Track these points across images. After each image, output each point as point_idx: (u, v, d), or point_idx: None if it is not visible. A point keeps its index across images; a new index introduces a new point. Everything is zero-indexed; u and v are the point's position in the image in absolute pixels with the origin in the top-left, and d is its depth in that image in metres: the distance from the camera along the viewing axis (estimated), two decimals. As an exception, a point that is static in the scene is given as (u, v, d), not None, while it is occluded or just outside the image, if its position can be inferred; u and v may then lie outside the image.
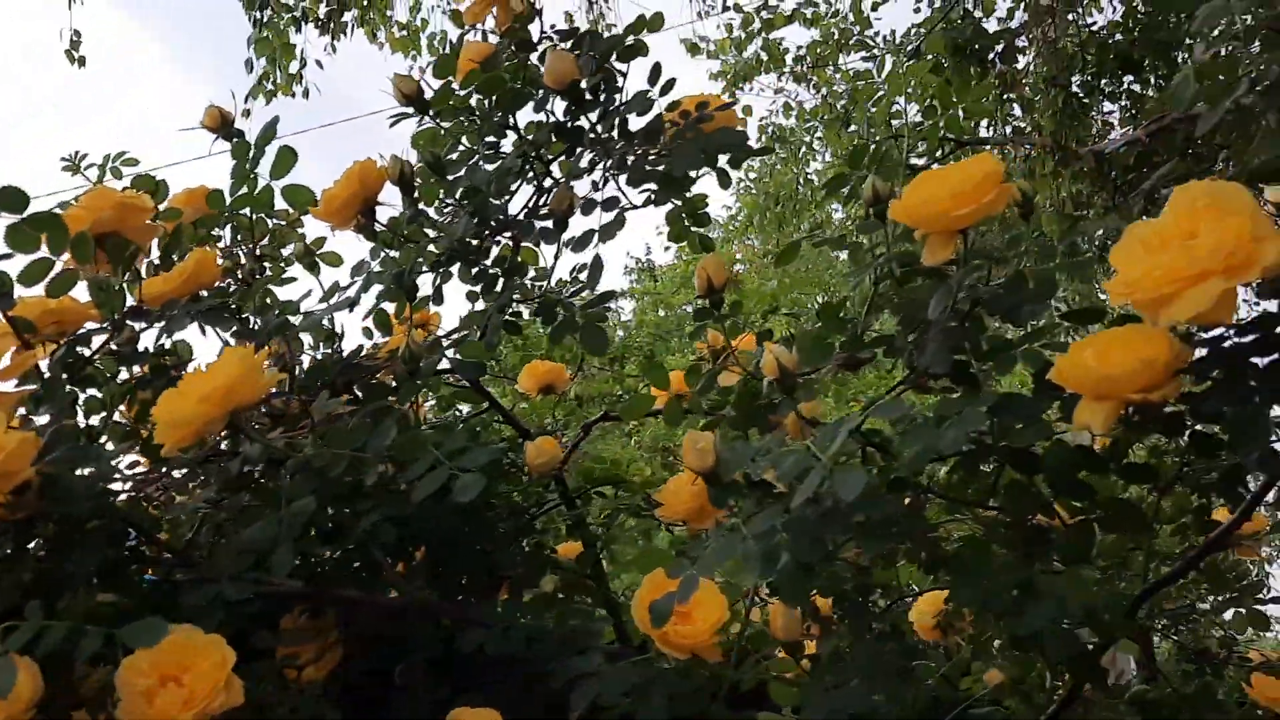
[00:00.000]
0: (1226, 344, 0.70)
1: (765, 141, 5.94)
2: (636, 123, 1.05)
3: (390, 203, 1.04)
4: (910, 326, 0.93)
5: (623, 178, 0.92)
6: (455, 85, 1.00)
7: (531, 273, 1.17)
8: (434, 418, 1.41)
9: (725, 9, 4.75)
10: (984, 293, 0.88)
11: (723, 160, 1.04)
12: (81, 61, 5.66)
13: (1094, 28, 4.16)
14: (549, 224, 0.96)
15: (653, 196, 0.99)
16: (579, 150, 0.93)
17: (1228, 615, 1.56)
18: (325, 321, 1.12)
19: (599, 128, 0.93)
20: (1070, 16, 4.09)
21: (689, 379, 1.10)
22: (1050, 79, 3.82)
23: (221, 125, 1.28)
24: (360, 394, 1.12)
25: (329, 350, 1.17)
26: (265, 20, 5.37)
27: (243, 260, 1.38)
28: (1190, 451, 0.78)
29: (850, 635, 0.95)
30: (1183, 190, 0.69)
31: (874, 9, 4.55)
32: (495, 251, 1.12)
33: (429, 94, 1.05)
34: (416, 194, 1.02)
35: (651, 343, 9.55)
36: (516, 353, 3.94)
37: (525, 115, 1.10)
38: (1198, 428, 0.77)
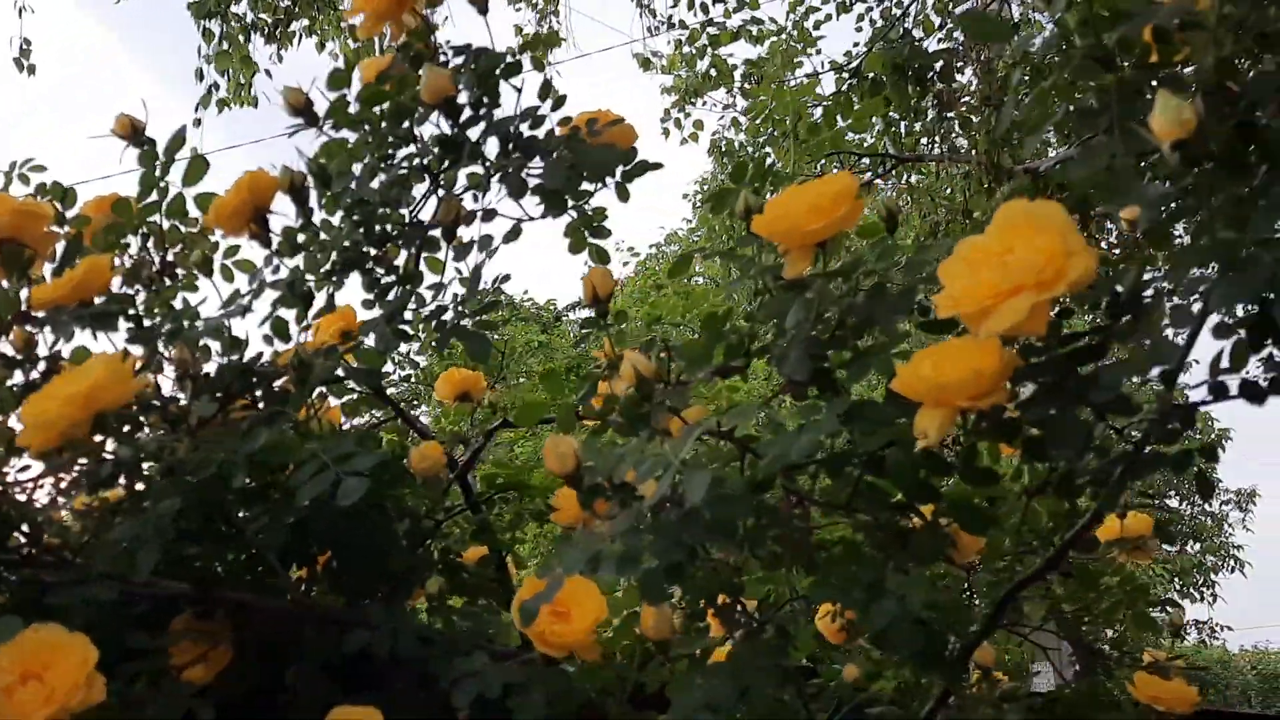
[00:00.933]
0: (1048, 355, 0.74)
1: (715, 156, 6.01)
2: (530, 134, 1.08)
3: (286, 211, 1.07)
4: (782, 336, 0.97)
5: (506, 186, 0.95)
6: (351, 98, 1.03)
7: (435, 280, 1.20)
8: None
9: (670, 26, 4.81)
10: (847, 303, 0.92)
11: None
12: (31, 69, 5.62)
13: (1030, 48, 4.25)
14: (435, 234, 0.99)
15: (542, 210, 1.02)
16: (458, 163, 0.96)
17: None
18: (228, 328, 1.14)
19: (480, 142, 0.96)
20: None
21: (581, 386, 1.14)
22: (986, 98, 3.91)
23: (132, 134, 1.30)
24: (262, 400, 1.15)
25: (235, 357, 1.19)
26: (223, 33, 5.37)
27: (156, 266, 1.40)
28: (1024, 456, 0.82)
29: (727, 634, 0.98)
30: (1005, 209, 0.73)
31: (816, 27, 4.64)
32: (403, 259, 1.15)
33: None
34: (311, 203, 1.05)
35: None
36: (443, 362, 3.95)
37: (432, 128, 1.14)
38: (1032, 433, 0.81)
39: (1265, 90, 0.63)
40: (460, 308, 1.01)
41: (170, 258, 1.39)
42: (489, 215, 0.96)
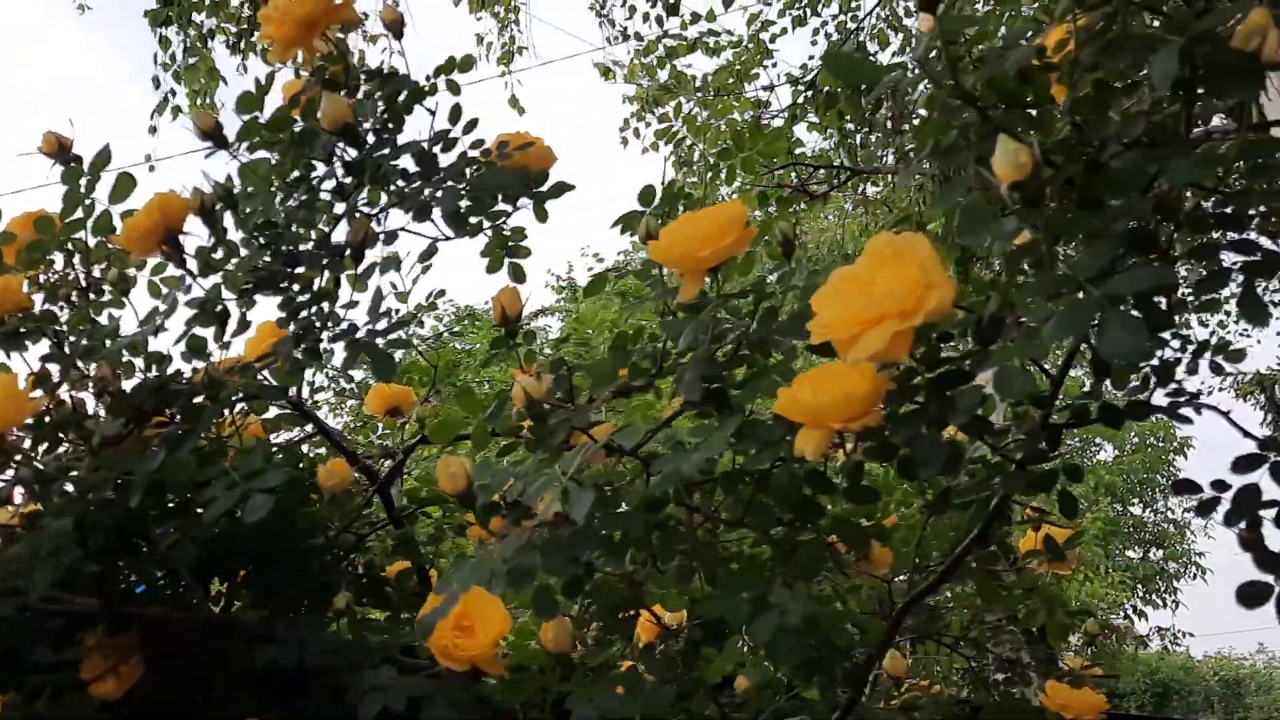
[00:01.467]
0: (918, 379, 0.77)
1: (674, 165, 6.04)
2: (446, 159, 1.11)
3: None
4: (682, 357, 0.99)
5: (410, 210, 0.97)
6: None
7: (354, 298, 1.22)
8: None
9: (626, 38, 4.85)
10: (741, 326, 0.95)
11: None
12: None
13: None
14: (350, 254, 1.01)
15: (454, 230, 1.04)
16: (361, 186, 0.98)
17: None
18: (145, 345, 1.15)
19: (385, 165, 0.98)
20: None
21: (494, 404, 1.16)
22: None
23: (59, 151, 1.31)
24: (180, 417, 1.16)
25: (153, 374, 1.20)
26: (186, 44, 5.35)
27: (81, 284, 1.40)
28: (901, 474, 0.85)
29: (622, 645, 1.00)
30: (873, 242, 0.76)
31: (773, 40, 4.69)
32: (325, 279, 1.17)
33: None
34: (227, 223, 1.06)
35: (575, 359, 9.58)
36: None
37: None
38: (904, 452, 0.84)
39: (1102, 133, 0.66)
40: (371, 326, 1.03)
41: (96, 274, 1.40)
42: (390, 237, 0.98)
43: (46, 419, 1.03)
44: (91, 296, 1.36)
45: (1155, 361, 0.83)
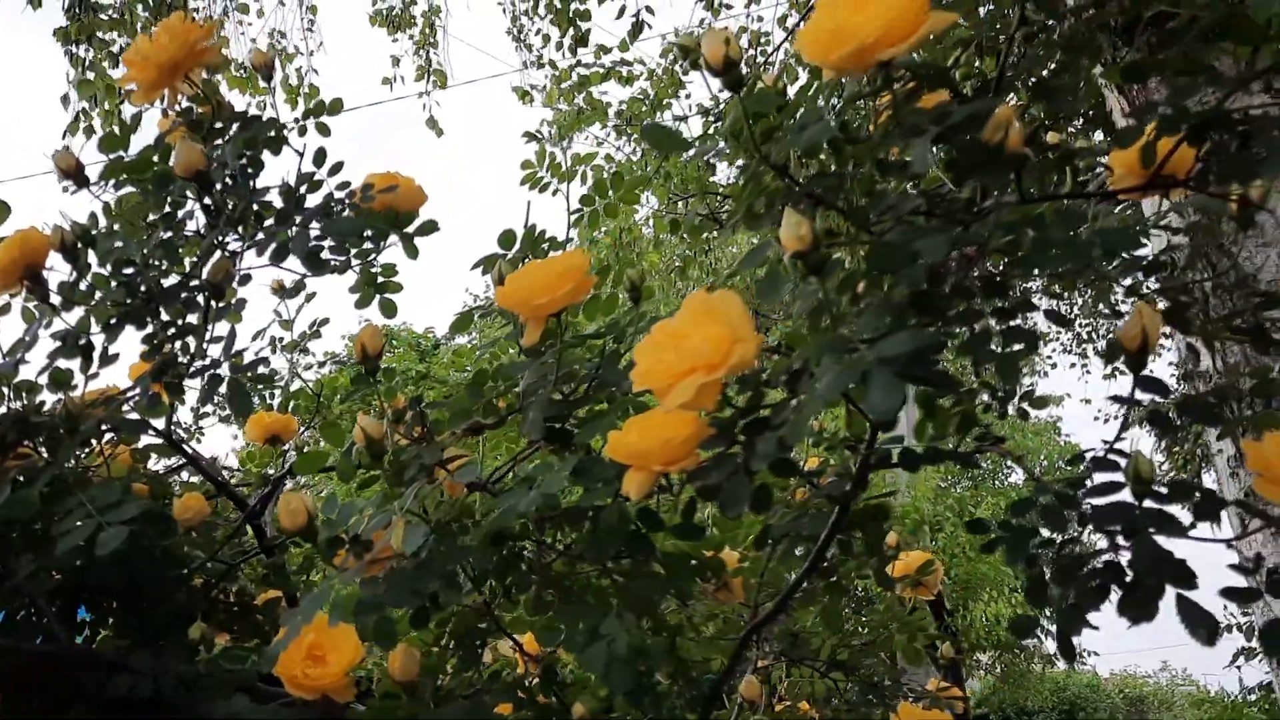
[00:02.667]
0: (720, 425, 0.83)
1: (590, 190, 6.11)
2: (313, 199, 1.14)
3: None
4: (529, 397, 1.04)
5: (269, 251, 1.01)
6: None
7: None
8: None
9: (540, 65, 4.91)
10: (584, 368, 1.00)
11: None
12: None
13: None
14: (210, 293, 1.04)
15: (312, 270, 1.07)
16: (216, 228, 1.01)
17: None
18: (8, 377, 1.16)
19: (241, 207, 1.01)
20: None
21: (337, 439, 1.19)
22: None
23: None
24: (46, 449, 1.17)
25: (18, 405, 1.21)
26: (89, 61, 5.27)
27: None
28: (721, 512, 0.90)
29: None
30: (690, 298, 0.82)
31: (685, 73, 4.78)
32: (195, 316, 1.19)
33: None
34: (87, 259, 1.08)
35: (449, 393, 9.54)
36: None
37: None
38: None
39: (881, 207, 0.73)
40: (231, 361, 1.06)
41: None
42: (244, 280, 1.01)
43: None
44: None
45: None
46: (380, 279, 1.23)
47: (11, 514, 0.93)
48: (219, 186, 0.98)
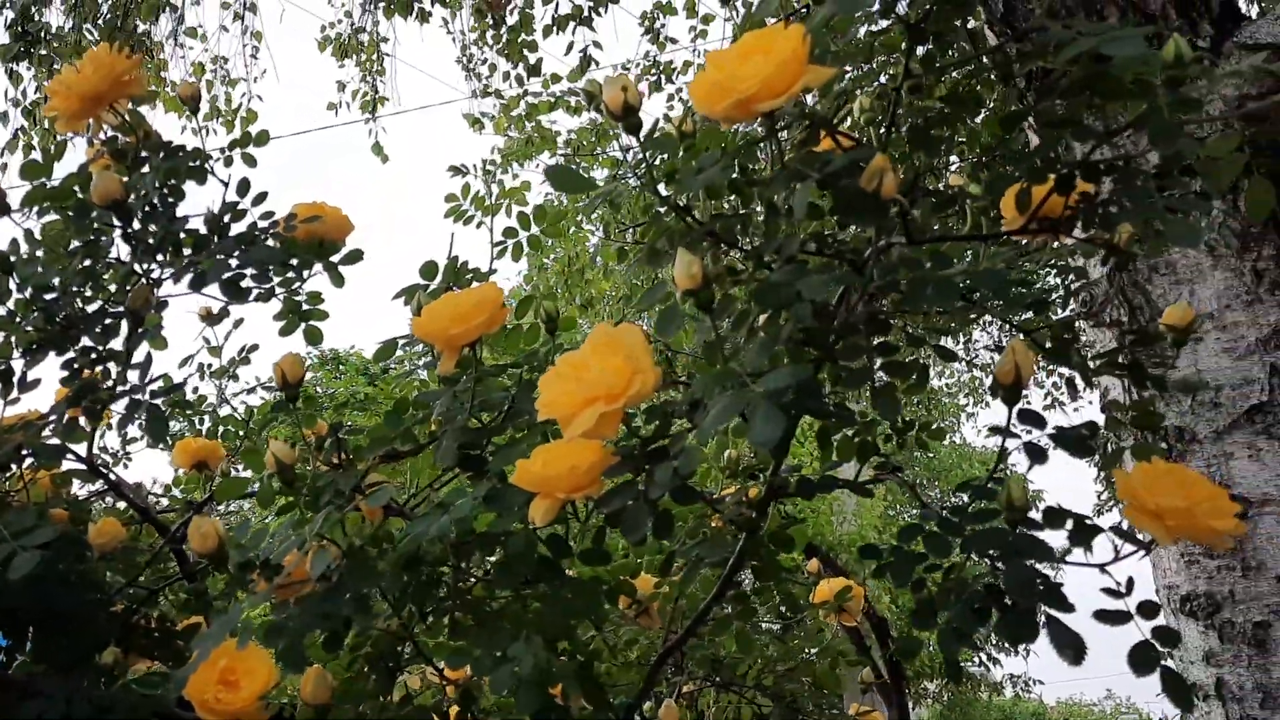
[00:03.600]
0: (624, 454, 0.86)
1: (539, 216, 6.14)
2: (238, 228, 1.16)
3: None
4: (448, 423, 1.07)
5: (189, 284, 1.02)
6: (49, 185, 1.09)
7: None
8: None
9: (488, 94, 4.94)
10: (497, 397, 1.03)
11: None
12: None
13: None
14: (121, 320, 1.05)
15: (231, 298, 1.09)
16: (136, 256, 1.03)
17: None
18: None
19: (160, 235, 1.03)
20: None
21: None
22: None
23: None
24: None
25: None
26: (40, 85, 5.23)
27: None
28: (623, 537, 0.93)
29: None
30: (595, 330, 0.85)
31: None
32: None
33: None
34: (7, 285, 1.09)
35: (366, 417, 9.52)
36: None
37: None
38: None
39: (769, 248, 0.76)
40: (150, 387, 1.07)
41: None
42: (161, 305, 1.03)
43: None
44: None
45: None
46: (305, 307, 1.25)
47: (-81, 538, 0.93)
48: (138, 215, 1.00)
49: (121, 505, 1.52)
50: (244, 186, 1.12)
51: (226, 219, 1.12)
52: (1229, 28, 1.98)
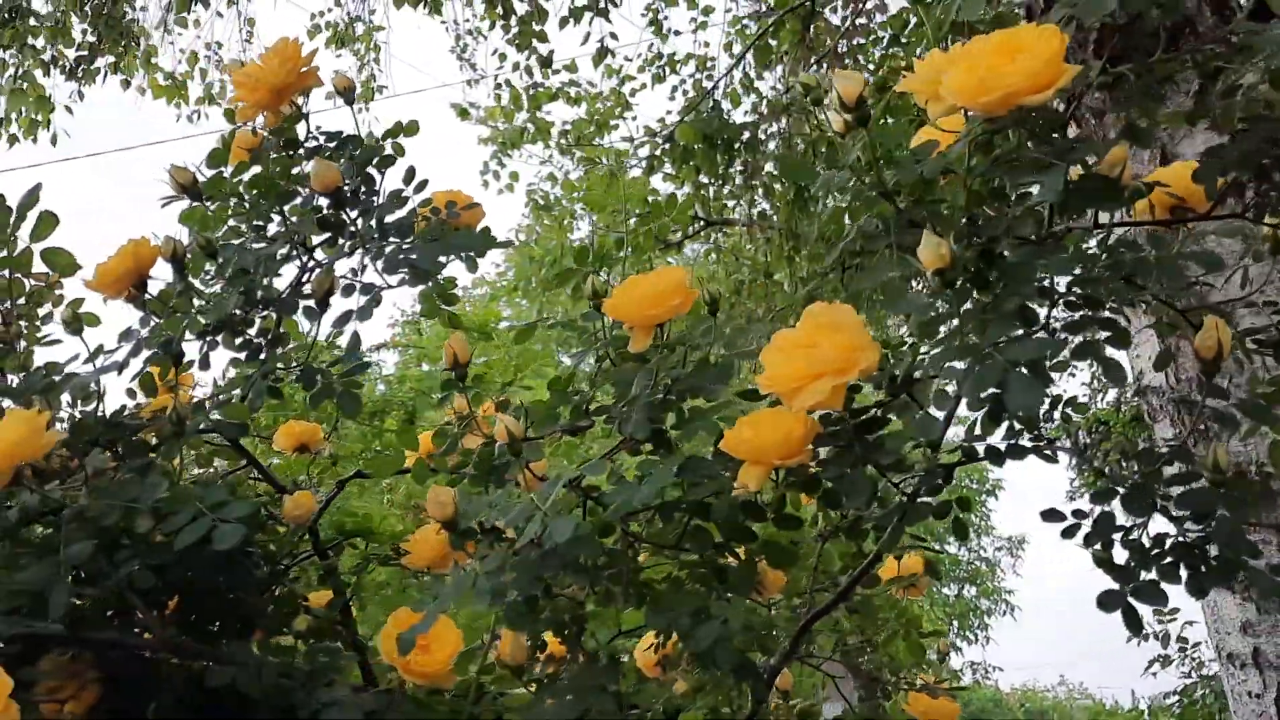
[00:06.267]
0: (842, 424, 0.92)
1: (531, 209, 6.18)
2: (395, 215, 1.20)
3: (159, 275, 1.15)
4: (622, 400, 1.12)
5: (380, 264, 1.07)
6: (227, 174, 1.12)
7: (293, 343, 1.29)
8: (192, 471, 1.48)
9: (498, 86, 4.97)
10: (679, 373, 1.08)
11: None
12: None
13: (824, 128, 4.65)
14: (311, 303, 1.09)
15: (406, 280, 1.14)
16: (339, 239, 1.07)
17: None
18: (99, 383, 1.19)
19: (359, 222, 1.07)
20: (804, 114, 4.54)
21: (436, 441, 1.25)
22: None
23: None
24: (122, 451, 1.20)
25: (90, 409, 1.24)
26: (19, 69, 5.16)
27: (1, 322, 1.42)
28: (821, 505, 1.00)
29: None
30: (809, 310, 0.91)
31: (633, 95, 4.91)
32: (259, 323, 1.24)
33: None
34: (186, 269, 1.13)
35: (414, 398, 9.51)
36: (269, 413, 3.95)
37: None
38: (829, 485, 0.99)
39: (994, 230, 0.83)
40: (330, 368, 1.11)
41: (16, 312, 1.42)
42: (367, 289, 1.07)
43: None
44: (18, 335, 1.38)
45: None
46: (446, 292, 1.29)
47: (170, 507, 0.97)
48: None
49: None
50: (410, 175, 1.16)
51: (391, 207, 1.17)
52: None
